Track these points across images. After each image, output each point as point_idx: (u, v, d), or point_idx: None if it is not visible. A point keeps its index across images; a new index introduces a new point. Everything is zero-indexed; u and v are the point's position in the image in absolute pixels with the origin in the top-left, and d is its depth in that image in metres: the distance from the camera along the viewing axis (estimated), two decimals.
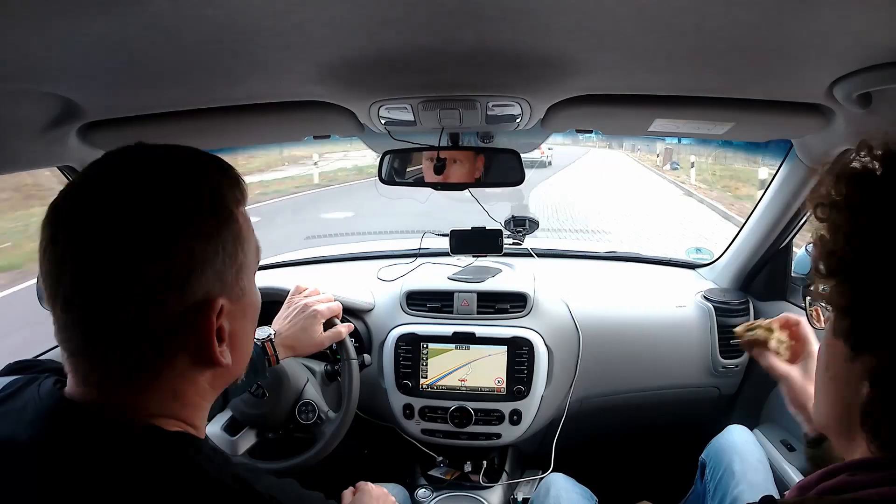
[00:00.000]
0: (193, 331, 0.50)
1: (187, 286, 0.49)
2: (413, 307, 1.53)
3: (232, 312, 0.53)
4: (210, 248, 0.50)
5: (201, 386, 0.54)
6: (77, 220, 0.48)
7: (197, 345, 0.51)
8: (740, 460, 1.08)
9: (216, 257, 0.51)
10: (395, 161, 1.25)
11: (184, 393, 0.52)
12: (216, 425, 1.25)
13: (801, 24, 0.63)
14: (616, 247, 2.03)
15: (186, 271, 0.49)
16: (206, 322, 0.50)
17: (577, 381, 1.51)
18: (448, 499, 1.42)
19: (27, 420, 0.50)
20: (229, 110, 1.01)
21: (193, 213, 0.50)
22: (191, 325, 0.50)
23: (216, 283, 0.51)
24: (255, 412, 1.23)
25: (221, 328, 0.52)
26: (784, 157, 1.34)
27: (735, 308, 1.55)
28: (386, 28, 0.67)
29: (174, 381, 0.51)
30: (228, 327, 0.53)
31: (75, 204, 0.49)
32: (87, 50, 0.66)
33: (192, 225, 0.49)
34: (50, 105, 0.84)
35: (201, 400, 0.55)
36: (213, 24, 0.62)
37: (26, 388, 0.54)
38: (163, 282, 0.48)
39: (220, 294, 0.51)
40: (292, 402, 1.24)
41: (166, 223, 0.48)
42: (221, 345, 0.52)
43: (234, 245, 0.53)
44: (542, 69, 0.83)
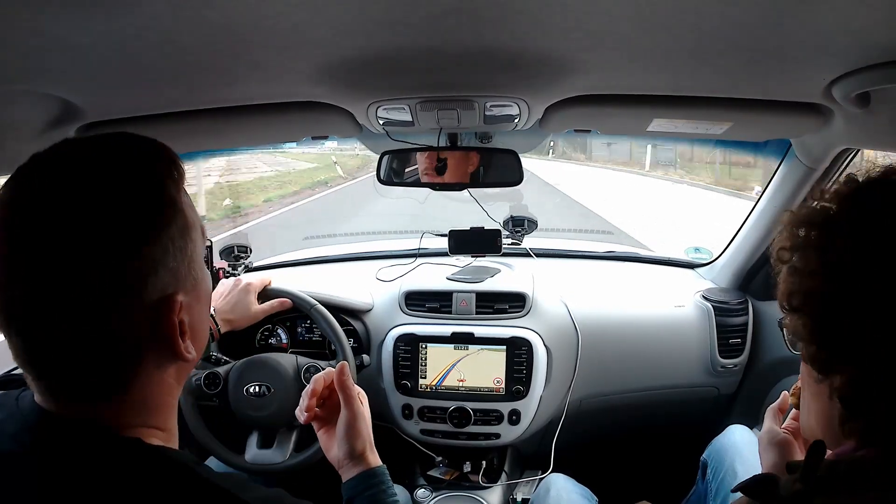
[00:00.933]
0: (156, 332, 0.49)
1: (143, 290, 0.47)
2: (412, 307, 1.53)
3: (190, 305, 0.52)
4: (159, 247, 0.48)
5: (168, 383, 0.53)
6: (16, 233, 0.45)
7: (162, 345, 0.50)
8: (742, 460, 1.08)
9: (167, 255, 0.49)
10: (393, 161, 1.25)
11: (153, 394, 0.52)
12: (252, 449, 1.28)
13: (800, 24, 0.63)
14: (615, 247, 2.03)
15: (140, 276, 0.47)
16: (167, 321, 0.49)
17: (576, 381, 1.51)
18: (447, 499, 1.42)
19: (9, 433, 0.49)
20: (227, 111, 1.01)
21: (139, 214, 0.48)
22: (153, 327, 0.49)
23: (171, 280, 0.49)
24: (270, 411, 1.25)
25: (182, 322, 0.50)
26: (783, 156, 1.34)
27: (734, 307, 1.55)
28: (383, 29, 0.67)
29: (144, 384, 0.50)
30: (189, 320, 0.51)
31: (11, 216, 0.46)
32: (85, 51, 0.66)
33: (139, 227, 0.47)
34: (49, 106, 0.83)
35: (170, 398, 0.54)
36: (211, 25, 0.62)
37: (4, 403, 0.52)
38: (116, 290, 0.46)
39: (177, 290, 0.50)
40: (296, 379, 1.27)
41: (111, 231, 0.46)
42: (185, 339, 0.51)
43: (181, 238, 0.51)
44: (540, 69, 0.83)
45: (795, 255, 0.58)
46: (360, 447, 0.78)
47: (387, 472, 0.79)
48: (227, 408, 1.29)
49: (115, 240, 0.46)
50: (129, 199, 0.48)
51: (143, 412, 0.51)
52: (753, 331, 1.55)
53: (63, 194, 0.46)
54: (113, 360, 0.48)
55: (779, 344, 1.50)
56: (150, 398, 0.51)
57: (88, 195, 0.46)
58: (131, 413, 0.50)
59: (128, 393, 0.50)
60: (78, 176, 0.47)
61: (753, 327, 1.55)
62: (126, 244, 0.46)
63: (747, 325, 1.55)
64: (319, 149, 11.41)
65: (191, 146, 1.28)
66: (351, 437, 0.78)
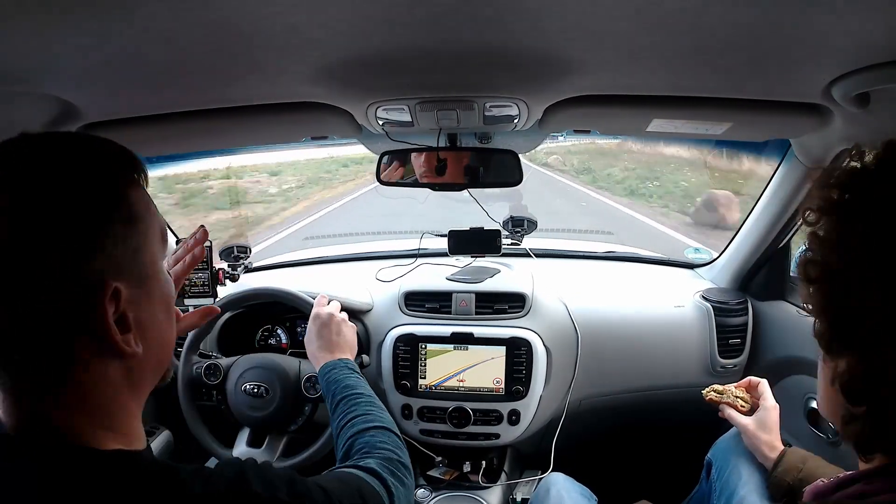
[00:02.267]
0: (91, 319, 0.48)
1: (76, 273, 0.47)
2: (411, 308, 1.53)
3: (135, 299, 0.51)
4: (98, 230, 0.48)
5: (117, 383, 0.51)
6: None
7: (98, 335, 0.48)
8: (747, 461, 1.08)
9: (106, 240, 0.48)
10: (392, 162, 1.25)
11: (102, 394, 0.50)
12: (241, 446, 1.28)
13: (799, 24, 0.63)
14: (614, 247, 2.03)
15: (73, 257, 0.47)
16: (101, 308, 0.48)
17: (575, 381, 1.51)
18: (447, 499, 1.42)
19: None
20: (227, 111, 1.01)
21: (74, 197, 0.47)
22: (86, 314, 0.47)
23: (109, 266, 0.48)
24: (265, 413, 1.26)
25: (125, 315, 0.49)
26: (782, 156, 1.34)
27: (734, 308, 1.55)
28: (382, 29, 0.67)
29: (87, 380, 0.49)
30: (133, 314, 0.50)
31: None
32: (85, 52, 0.66)
33: (73, 209, 0.47)
34: (49, 107, 0.84)
35: (125, 400, 0.52)
36: (211, 26, 0.62)
37: None
38: (48, 271, 0.46)
39: (115, 278, 0.48)
40: (295, 386, 1.28)
41: (44, 211, 0.46)
42: (126, 333, 0.50)
43: (125, 226, 0.50)
44: (540, 70, 0.83)
45: (823, 220, 0.54)
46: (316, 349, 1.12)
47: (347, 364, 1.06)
48: (223, 401, 1.30)
49: (46, 219, 0.46)
50: (64, 181, 0.48)
51: (94, 412, 0.50)
52: (753, 331, 1.55)
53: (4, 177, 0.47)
54: (48, 345, 0.47)
55: (779, 344, 1.50)
56: (97, 395, 0.50)
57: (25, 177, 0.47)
58: (83, 414, 0.49)
59: (73, 387, 0.49)
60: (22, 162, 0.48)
61: (753, 327, 1.55)
62: (59, 226, 0.46)
63: (747, 326, 1.55)
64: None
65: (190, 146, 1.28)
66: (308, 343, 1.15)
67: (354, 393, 0.97)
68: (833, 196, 0.52)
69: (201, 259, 0.75)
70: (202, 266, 1.51)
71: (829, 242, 0.52)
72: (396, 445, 0.86)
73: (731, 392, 1.13)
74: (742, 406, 1.11)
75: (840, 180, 0.53)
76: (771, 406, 1.09)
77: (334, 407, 0.96)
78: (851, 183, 0.52)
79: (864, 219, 0.50)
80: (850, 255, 0.50)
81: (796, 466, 0.98)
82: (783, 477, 0.98)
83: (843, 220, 0.51)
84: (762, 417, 1.07)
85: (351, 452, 0.83)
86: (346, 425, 0.90)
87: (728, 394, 1.13)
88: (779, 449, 1.03)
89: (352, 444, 0.85)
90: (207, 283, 1.51)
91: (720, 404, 1.13)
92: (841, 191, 0.52)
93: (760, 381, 1.14)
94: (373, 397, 0.98)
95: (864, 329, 0.49)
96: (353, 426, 0.89)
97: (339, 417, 0.93)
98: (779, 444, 1.04)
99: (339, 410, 0.94)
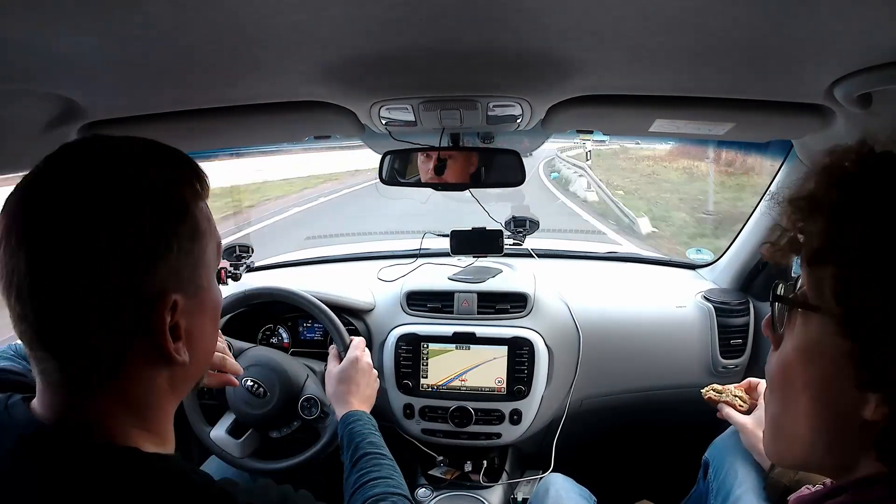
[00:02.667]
0: (147, 327, 0.49)
1: (140, 281, 0.48)
2: (413, 307, 1.53)
3: (188, 309, 0.52)
4: (163, 242, 0.49)
5: (161, 388, 0.53)
6: (30, 212, 0.48)
7: (151, 342, 0.50)
8: (744, 461, 1.08)
9: (170, 253, 0.50)
10: (395, 161, 1.26)
11: (145, 396, 0.52)
12: (220, 429, 1.27)
13: (802, 25, 0.63)
14: (616, 247, 2.03)
15: (138, 267, 0.48)
16: (159, 318, 0.49)
17: (577, 381, 1.51)
18: (448, 498, 1.42)
19: (7, 448, 0.49)
20: (230, 110, 1.01)
21: (145, 207, 0.49)
22: (145, 322, 0.49)
23: (170, 278, 0.50)
24: (257, 412, 1.25)
25: (178, 325, 0.51)
26: (784, 157, 1.34)
27: (735, 308, 1.55)
28: (386, 28, 0.67)
29: (134, 382, 0.51)
30: (185, 324, 0.52)
31: (30, 195, 0.49)
32: (88, 50, 0.67)
33: (143, 220, 0.48)
34: (51, 105, 0.84)
35: (165, 403, 0.54)
36: (214, 24, 0.62)
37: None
38: (114, 277, 0.47)
39: (175, 290, 0.50)
40: (294, 398, 1.26)
41: (117, 218, 0.47)
42: (177, 342, 0.51)
43: (189, 240, 0.51)
44: (543, 69, 0.83)
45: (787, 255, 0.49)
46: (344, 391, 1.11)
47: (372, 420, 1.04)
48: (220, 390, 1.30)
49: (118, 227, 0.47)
50: (137, 191, 0.49)
51: (135, 413, 0.51)
52: (755, 332, 1.55)
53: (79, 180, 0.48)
54: (104, 346, 0.48)
55: None
56: (140, 397, 0.51)
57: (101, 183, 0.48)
58: (123, 413, 0.50)
59: (118, 386, 0.50)
60: (97, 166, 0.49)
61: (755, 328, 1.55)
62: (128, 236, 0.48)
63: (748, 326, 1.55)
64: None
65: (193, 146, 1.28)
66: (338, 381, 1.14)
67: (379, 453, 0.96)
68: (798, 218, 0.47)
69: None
70: None
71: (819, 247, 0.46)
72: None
73: (731, 391, 1.13)
74: (740, 405, 1.11)
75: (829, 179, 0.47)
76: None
77: (355, 461, 0.95)
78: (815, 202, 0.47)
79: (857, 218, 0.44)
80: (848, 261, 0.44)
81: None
82: (780, 477, 0.97)
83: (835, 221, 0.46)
84: (760, 416, 1.06)
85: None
86: (366, 484, 0.89)
87: (727, 393, 1.13)
88: None
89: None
90: None
91: (718, 403, 1.13)
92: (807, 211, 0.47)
93: (760, 382, 1.13)
94: (394, 462, 0.97)
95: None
96: (373, 487, 0.88)
97: (358, 473, 0.92)
98: None
99: (359, 466, 0.93)
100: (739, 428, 1.08)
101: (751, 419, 1.07)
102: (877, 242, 0.42)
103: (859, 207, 0.44)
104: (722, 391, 1.14)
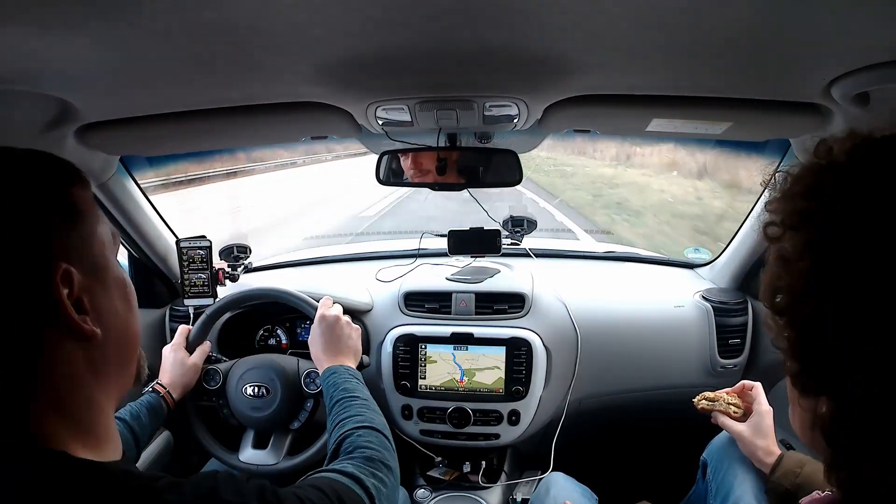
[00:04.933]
0: (46, 300, 0.50)
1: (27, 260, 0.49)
2: (411, 308, 1.53)
3: (89, 286, 0.53)
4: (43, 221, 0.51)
5: (77, 372, 0.52)
6: None
7: (55, 316, 0.50)
8: (742, 461, 1.08)
9: (52, 229, 0.51)
10: (392, 161, 1.25)
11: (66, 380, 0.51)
12: (247, 449, 1.29)
13: (799, 24, 0.63)
14: (614, 247, 2.03)
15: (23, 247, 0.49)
16: (55, 288, 0.50)
17: (575, 381, 1.51)
18: (447, 499, 1.42)
19: None
20: (226, 111, 1.00)
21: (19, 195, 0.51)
22: (42, 296, 0.49)
23: (58, 251, 0.51)
24: (268, 413, 1.26)
25: (80, 300, 0.52)
26: (782, 156, 1.34)
27: (733, 308, 1.55)
28: (382, 29, 0.67)
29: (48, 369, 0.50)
30: (89, 300, 0.52)
31: None
32: (84, 52, 0.66)
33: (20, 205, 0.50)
34: (47, 107, 0.84)
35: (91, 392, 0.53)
36: (210, 26, 0.62)
37: None
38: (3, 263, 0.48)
39: (65, 261, 0.51)
40: (295, 384, 1.28)
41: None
42: (83, 315, 0.52)
43: (72, 217, 0.53)
44: (539, 69, 0.83)
45: (787, 234, 0.44)
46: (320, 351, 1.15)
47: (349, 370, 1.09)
48: (225, 406, 1.30)
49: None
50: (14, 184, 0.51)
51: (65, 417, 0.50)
52: (753, 331, 1.55)
53: None
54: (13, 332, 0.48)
55: None
56: (57, 382, 0.51)
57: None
58: (53, 419, 0.50)
59: (41, 385, 0.50)
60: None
61: (753, 327, 1.55)
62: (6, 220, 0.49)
63: (747, 326, 1.55)
64: None
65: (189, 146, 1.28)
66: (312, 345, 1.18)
67: (351, 395, 0.99)
68: (799, 205, 0.43)
69: None
70: (202, 266, 1.51)
71: (797, 263, 0.42)
72: (382, 445, 0.86)
73: (724, 399, 1.13)
74: (735, 412, 1.10)
75: (806, 185, 0.43)
76: (765, 411, 1.08)
77: (331, 408, 0.98)
78: (820, 186, 0.42)
79: (839, 228, 0.40)
80: (825, 277, 0.41)
81: (793, 471, 0.97)
82: (781, 482, 0.97)
83: (813, 233, 0.42)
84: (757, 423, 1.07)
85: (339, 452, 0.85)
86: (337, 425, 0.92)
87: (720, 401, 1.12)
88: (775, 454, 1.02)
89: (339, 444, 0.86)
90: (207, 284, 1.52)
91: (713, 412, 1.13)
92: (807, 198, 0.42)
93: (754, 385, 1.13)
94: (368, 400, 1.00)
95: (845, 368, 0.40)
96: (343, 426, 0.90)
97: (332, 418, 0.95)
98: (775, 449, 1.04)
99: (334, 411, 0.96)
100: (736, 437, 1.08)
101: (747, 427, 1.07)
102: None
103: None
104: (714, 399, 1.13)
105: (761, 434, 1.05)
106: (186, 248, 1.50)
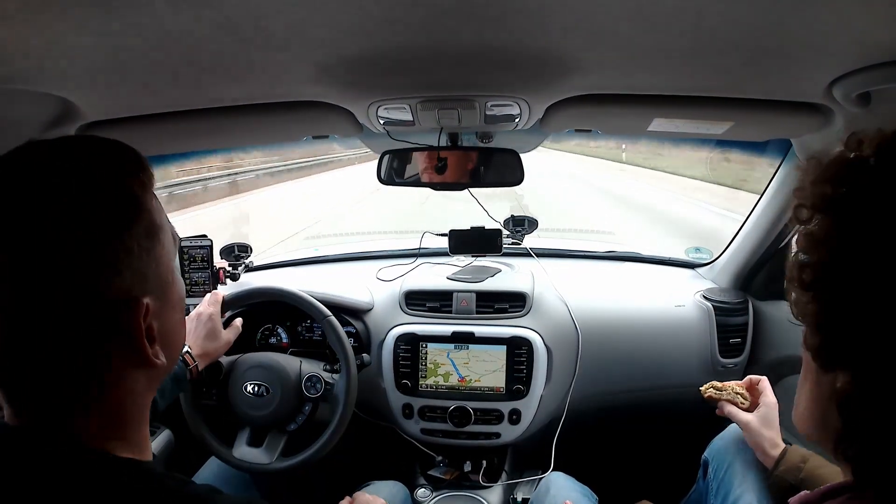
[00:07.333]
0: (121, 335, 0.48)
1: (105, 292, 0.46)
2: (412, 307, 1.53)
3: (159, 310, 0.51)
4: (122, 247, 0.47)
5: (137, 391, 0.51)
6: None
7: (129, 349, 0.48)
8: (743, 459, 1.08)
9: (131, 256, 0.47)
10: (394, 161, 1.25)
11: (124, 403, 0.50)
12: (241, 445, 1.28)
13: (800, 24, 0.63)
14: (615, 246, 2.03)
15: (100, 275, 0.45)
16: (133, 325, 0.48)
17: (576, 380, 1.51)
18: (448, 498, 1.42)
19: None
20: (227, 111, 1.00)
21: (99, 212, 0.46)
22: (118, 331, 0.47)
23: (136, 282, 0.48)
24: (266, 412, 1.26)
25: (151, 328, 0.49)
26: (783, 156, 1.34)
27: (734, 307, 1.55)
28: (383, 28, 0.67)
29: (112, 392, 0.49)
30: (158, 325, 0.50)
31: None
32: (85, 51, 0.66)
33: (95, 224, 0.46)
34: (48, 106, 0.83)
35: (140, 406, 0.53)
36: (211, 25, 0.62)
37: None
38: (73, 290, 0.45)
39: (144, 293, 0.48)
40: (296, 386, 1.27)
41: (66, 227, 0.44)
42: (153, 345, 0.50)
43: (148, 239, 0.49)
44: (541, 69, 0.83)
45: (816, 217, 0.48)
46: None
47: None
48: (224, 400, 1.30)
49: (73, 238, 0.45)
50: (88, 198, 0.46)
51: (113, 423, 0.50)
52: (754, 330, 1.55)
53: (21, 195, 0.45)
54: (76, 365, 0.46)
55: (779, 343, 1.50)
56: (121, 407, 0.50)
57: (47, 196, 0.45)
58: (100, 424, 0.49)
59: (98, 401, 0.48)
60: (39, 177, 0.46)
61: (754, 327, 1.55)
62: (85, 243, 0.45)
63: (748, 325, 1.55)
64: None
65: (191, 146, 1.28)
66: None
67: None
68: (828, 191, 0.47)
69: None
70: (203, 265, 1.51)
71: (825, 242, 0.46)
72: None
73: (732, 388, 1.12)
74: (742, 403, 1.10)
75: (835, 173, 0.48)
76: (772, 403, 1.08)
77: None
78: (849, 176, 0.47)
79: (865, 215, 0.45)
80: (851, 256, 0.44)
81: (797, 465, 0.97)
82: (784, 476, 0.97)
83: (840, 217, 0.46)
84: (765, 414, 1.06)
85: None
86: None
87: (728, 390, 1.12)
88: (780, 446, 1.02)
89: None
90: (208, 282, 1.52)
91: (719, 401, 1.12)
92: (836, 185, 0.47)
93: (761, 379, 1.13)
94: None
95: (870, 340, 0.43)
96: None
97: None
98: (780, 442, 1.04)
99: None
100: (743, 426, 1.08)
101: (755, 417, 1.06)
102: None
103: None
104: (722, 388, 1.13)
105: (768, 425, 1.05)
106: (187, 248, 1.50)
